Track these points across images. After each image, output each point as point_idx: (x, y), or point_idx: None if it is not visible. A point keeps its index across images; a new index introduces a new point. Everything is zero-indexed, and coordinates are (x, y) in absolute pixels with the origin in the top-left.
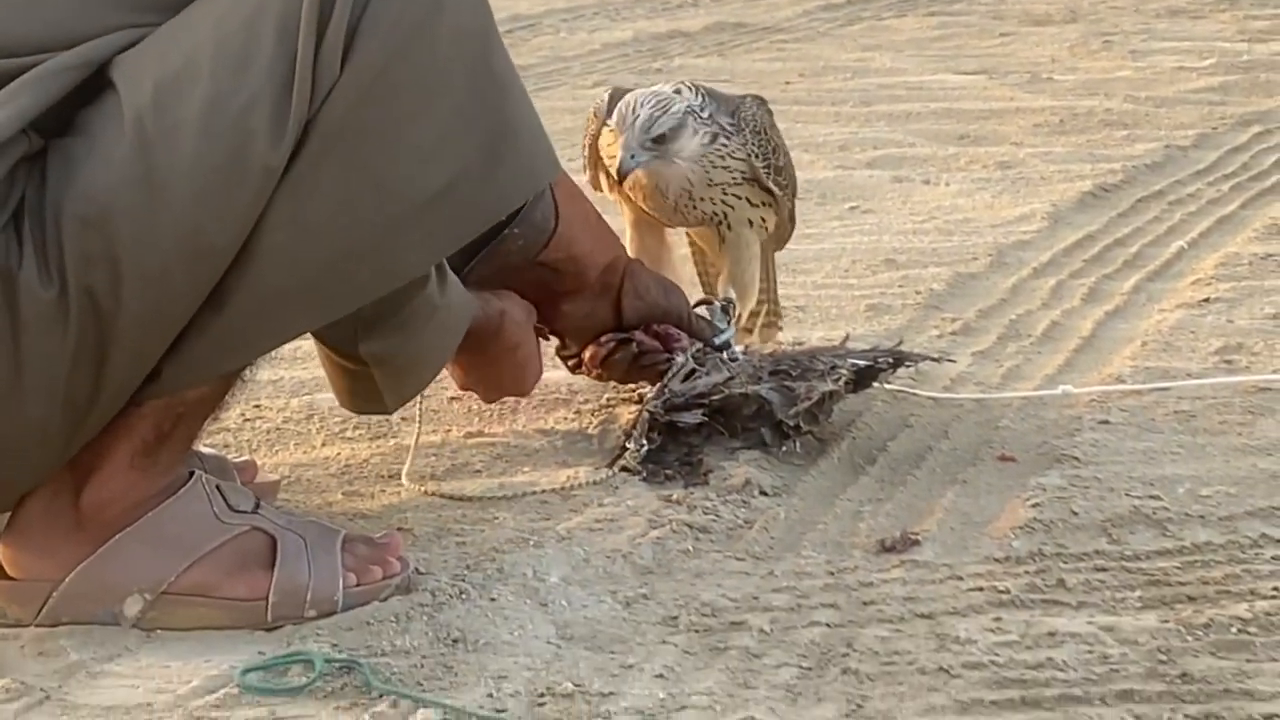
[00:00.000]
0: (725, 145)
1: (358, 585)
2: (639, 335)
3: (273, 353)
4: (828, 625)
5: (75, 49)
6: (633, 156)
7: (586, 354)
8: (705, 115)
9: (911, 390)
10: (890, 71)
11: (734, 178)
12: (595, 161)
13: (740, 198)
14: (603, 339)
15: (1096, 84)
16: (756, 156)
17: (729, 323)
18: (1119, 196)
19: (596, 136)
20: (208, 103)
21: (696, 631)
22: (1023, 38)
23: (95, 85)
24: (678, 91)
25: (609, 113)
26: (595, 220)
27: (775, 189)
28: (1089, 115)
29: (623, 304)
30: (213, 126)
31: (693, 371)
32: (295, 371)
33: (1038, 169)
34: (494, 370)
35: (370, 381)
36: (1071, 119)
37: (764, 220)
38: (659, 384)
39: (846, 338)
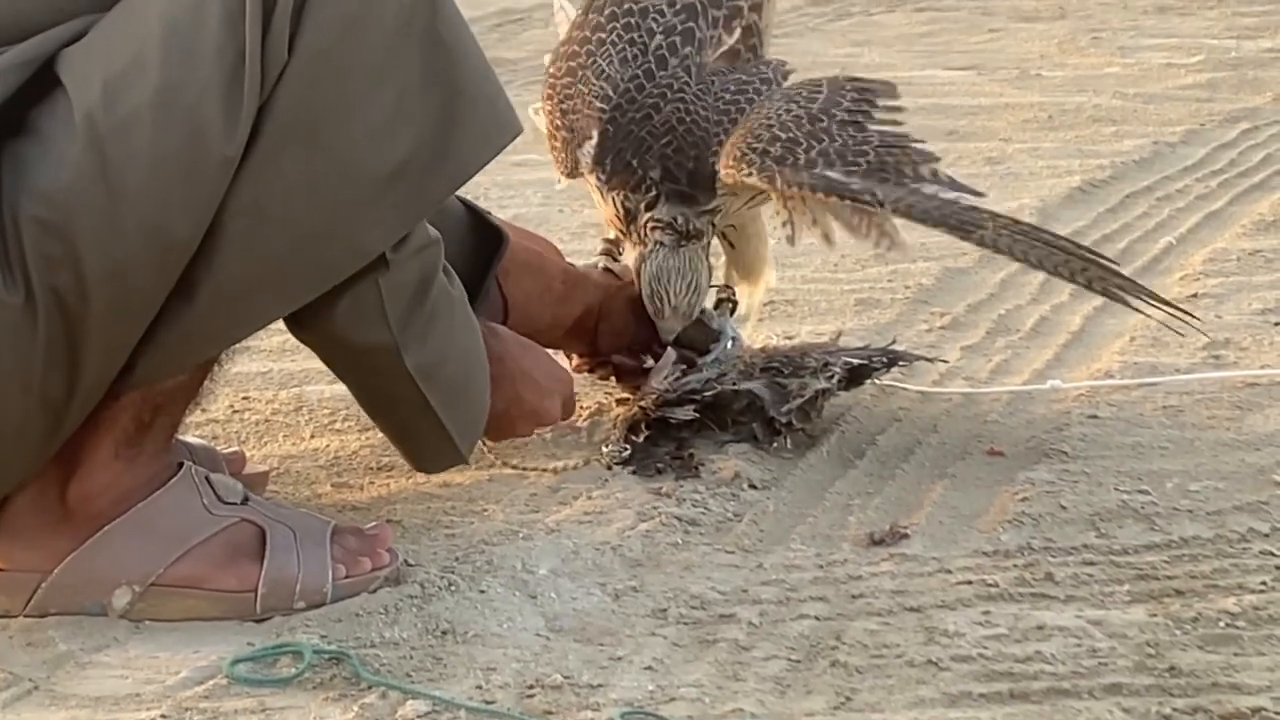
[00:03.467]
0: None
1: (347, 577)
2: (618, 358)
3: (261, 346)
4: (817, 618)
5: (16, 48)
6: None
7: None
8: (708, 231)
9: (900, 384)
10: (879, 67)
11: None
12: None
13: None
14: (577, 362)
15: (1085, 80)
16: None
17: (728, 319)
18: (1107, 192)
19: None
20: (158, 95)
21: (685, 624)
22: (1011, 33)
23: (41, 83)
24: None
25: (598, 159)
26: (559, 285)
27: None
28: (1077, 111)
29: (599, 344)
30: (165, 119)
31: (685, 369)
32: (284, 364)
33: (1026, 165)
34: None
35: (430, 421)
36: (1060, 115)
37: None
38: (648, 382)
39: (839, 334)
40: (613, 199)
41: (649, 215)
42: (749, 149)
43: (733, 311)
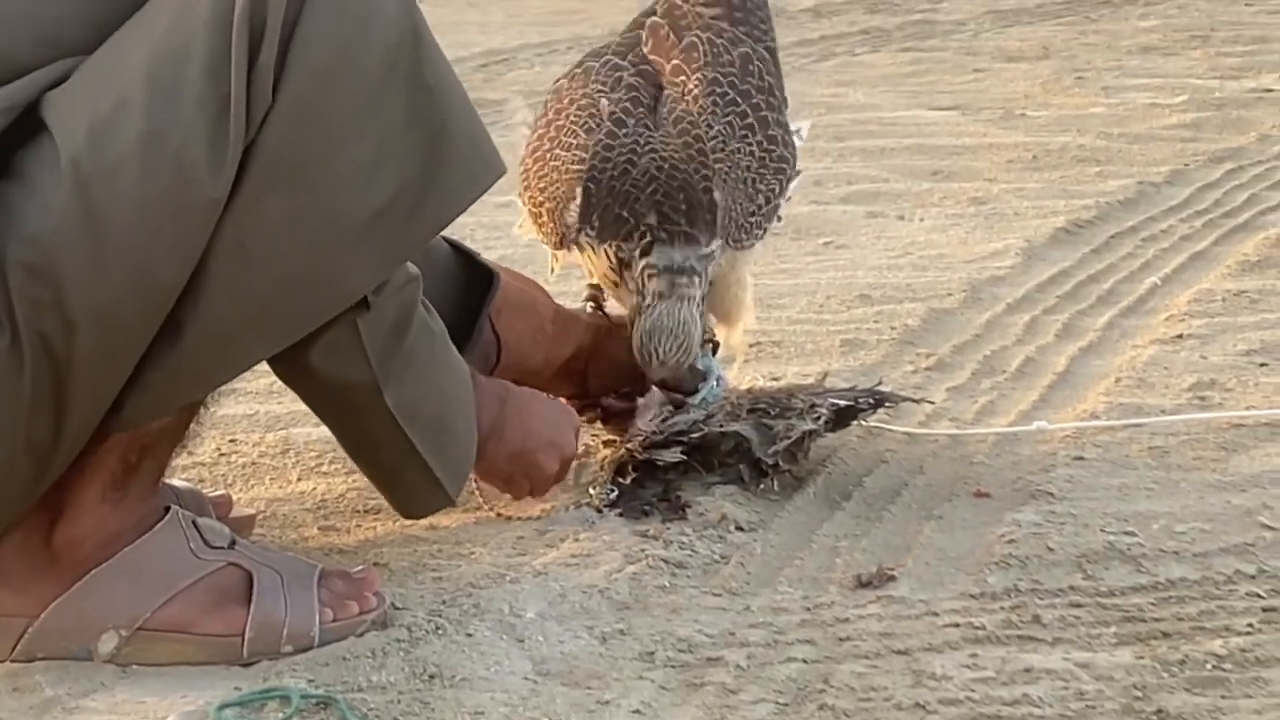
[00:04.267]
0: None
1: (334, 621)
2: (607, 400)
3: (247, 388)
4: (804, 661)
5: (0, 91)
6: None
7: None
8: (703, 284)
9: (887, 426)
10: (864, 107)
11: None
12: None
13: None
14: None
15: (1069, 120)
16: (740, 243)
17: (713, 360)
18: (1092, 233)
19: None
20: (144, 139)
21: (673, 667)
22: (996, 73)
23: (27, 127)
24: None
25: (584, 216)
26: (549, 325)
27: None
28: (1062, 151)
29: (589, 384)
30: (151, 163)
31: (672, 410)
32: (271, 406)
33: (1011, 205)
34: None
35: (415, 463)
36: (1045, 155)
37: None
38: (635, 425)
39: (825, 375)
40: (605, 251)
41: (644, 262)
42: (748, 220)
43: (715, 352)
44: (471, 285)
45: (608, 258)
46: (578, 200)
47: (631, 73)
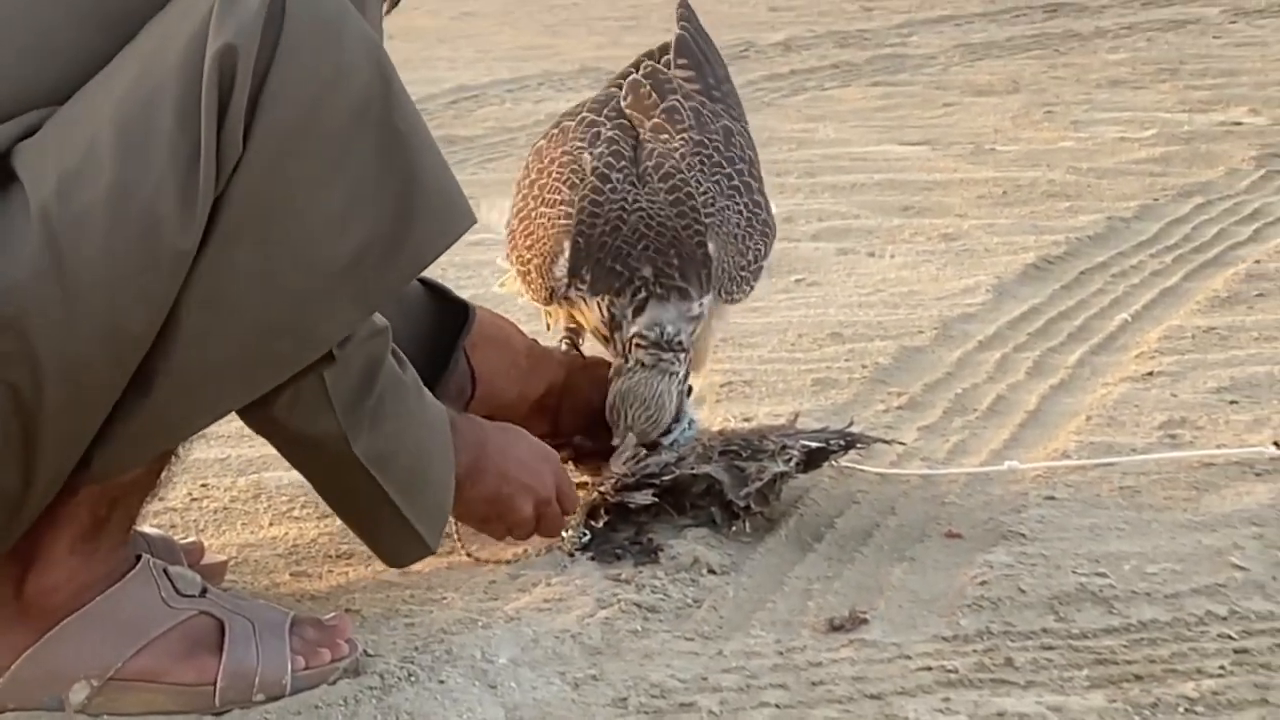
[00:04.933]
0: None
1: (306, 669)
2: (578, 439)
3: (219, 431)
4: (777, 706)
5: None
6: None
7: None
8: (686, 362)
9: (858, 466)
10: (834, 142)
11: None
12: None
13: None
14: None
15: (1039, 155)
16: (730, 297)
17: (687, 402)
18: (1062, 269)
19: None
20: (113, 190)
21: (646, 713)
22: (965, 108)
23: None
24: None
25: (574, 269)
26: (524, 360)
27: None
28: (1032, 186)
29: (560, 420)
30: (120, 214)
31: (644, 452)
32: (242, 450)
33: (981, 241)
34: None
35: (390, 512)
36: (1014, 190)
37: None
38: (608, 466)
39: (796, 416)
40: (597, 305)
41: (634, 330)
42: (739, 274)
43: (689, 394)
44: (445, 320)
45: (600, 311)
46: (566, 254)
47: (609, 127)
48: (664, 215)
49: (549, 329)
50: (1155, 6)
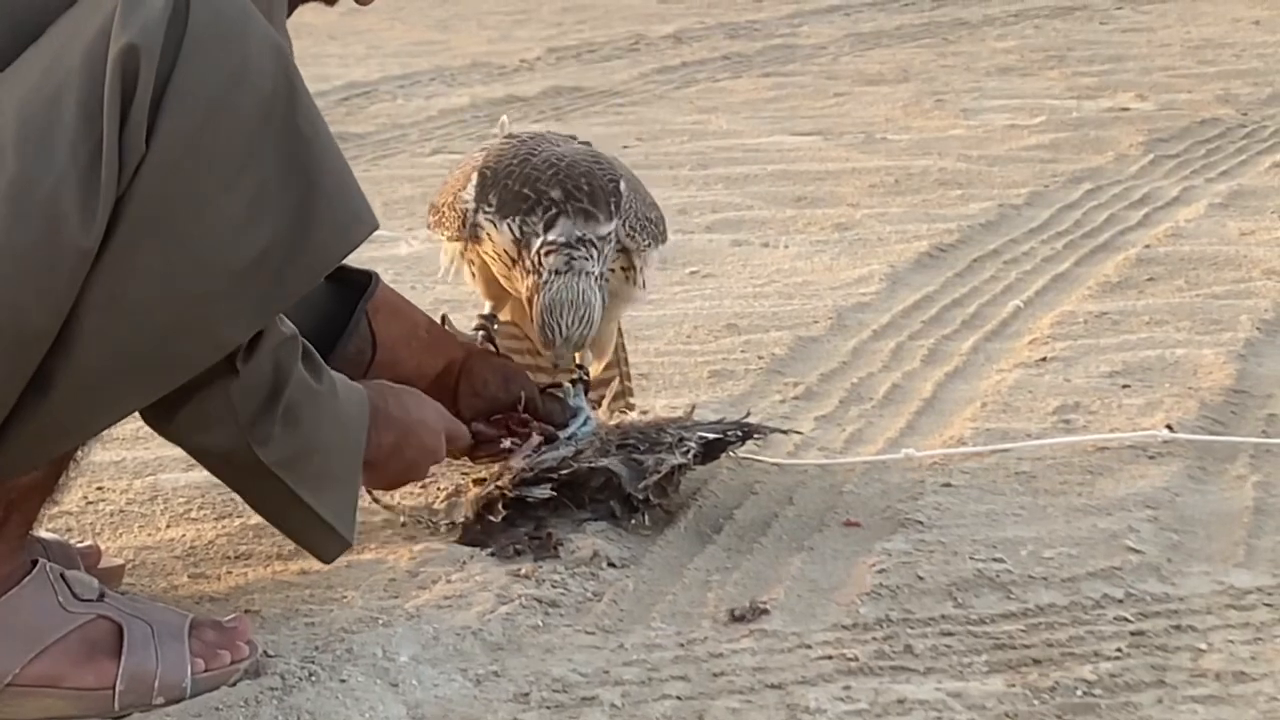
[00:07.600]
0: (614, 254)
1: (206, 671)
2: (477, 425)
3: (115, 433)
4: (679, 698)
5: None
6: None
7: None
8: (601, 262)
9: (756, 457)
10: (727, 134)
11: (615, 265)
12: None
13: (614, 270)
14: None
15: (930, 143)
16: (633, 236)
17: (583, 397)
18: (955, 256)
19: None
20: (14, 187)
21: (548, 708)
22: (856, 97)
23: None
24: (580, 249)
25: (481, 195)
26: (424, 333)
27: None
28: (923, 175)
29: (459, 404)
30: (21, 212)
31: (540, 446)
32: (138, 452)
33: (875, 230)
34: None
35: (304, 512)
36: (906, 179)
37: (626, 273)
38: (503, 462)
39: (693, 408)
40: (507, 226)
41: (544, 239)
42: (646, 221)
43: (586, 390)
44: (349, 284)
45: (510, 231)
46: (474, 182)
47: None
48: (576, 156)
49: (446, 272)
50: None
